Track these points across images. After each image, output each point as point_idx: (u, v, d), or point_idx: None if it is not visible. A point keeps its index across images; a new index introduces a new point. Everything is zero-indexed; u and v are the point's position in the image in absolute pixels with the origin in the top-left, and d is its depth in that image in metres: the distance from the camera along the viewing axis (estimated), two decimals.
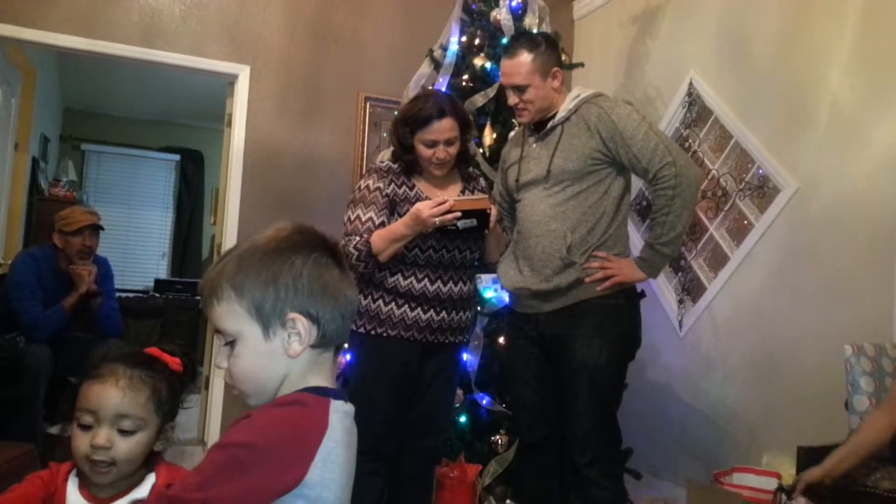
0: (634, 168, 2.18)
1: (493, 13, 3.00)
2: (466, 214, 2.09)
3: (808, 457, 2.12)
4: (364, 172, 2.35)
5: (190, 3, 3.78)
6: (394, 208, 2.26)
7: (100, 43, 3.62)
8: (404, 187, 2.28)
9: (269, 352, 1.01)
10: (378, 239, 2.16)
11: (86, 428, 1.31)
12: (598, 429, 2.14)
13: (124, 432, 1.29)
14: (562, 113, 2.25)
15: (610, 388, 2.19)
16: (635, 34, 3.91)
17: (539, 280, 2.20)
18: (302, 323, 1.00)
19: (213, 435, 3.80)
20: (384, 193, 2.25)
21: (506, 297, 2.65)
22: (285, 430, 0.94)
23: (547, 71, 2.26)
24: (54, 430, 2.96)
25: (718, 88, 3.33)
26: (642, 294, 2.33)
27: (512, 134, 2.80)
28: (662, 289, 3.54)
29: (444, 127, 2.21)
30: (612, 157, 2.18)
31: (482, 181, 2.49)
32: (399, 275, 2.24)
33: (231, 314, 1.01)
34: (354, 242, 2.17)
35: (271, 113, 3.92)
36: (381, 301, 2.24)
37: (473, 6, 3.08)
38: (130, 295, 6.80)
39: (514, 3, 3.03)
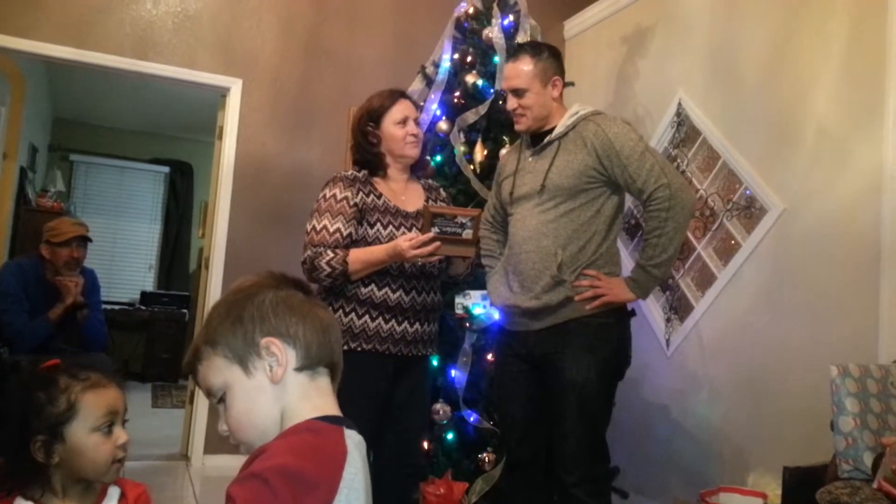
0: (629, 187, 2.19)
1: (486, 31, 3.03)
2: (448, 242, 2.06)
3: (794, 477, 2.13)
4: (328, 181, 2.30)
5: (183, 16, 3.79)
6: (362, 217, 2.22)
7: (91, 54, 3.62)
8: (371, 196, 2.25)
9: (255, 388, 0.99)
10: (356, 261, 2.13)
11: (107, 432, 1.34)
12: (587, 448, 2.14)
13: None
14: (559, 128, 2.25)
15: (599, 408, 2.18)
16: (625, 54, 3.95)
17: (529, 297, 2.20)
18: (276, 345, 0.99)
19: (197, 450, 3.76)
20: (351, 203, 2.20)
21: (495, 314, 2.65)
22: (309, 454, 0.91)
23: (547, 78, 2.27)
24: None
25: (706, 109, 3.36)
26: (633, 313, 2.33)
27: (507, 147, 2.80)
28: (650, 307, 3.55)
29: (407, 105, 2.32)
30: (608, 176, 2.19)
31: (443, 192, 2.49)
32: (373, 285, 2.19)
33: (213, 368, 1.01)
34: (328, 258, 2.12)
35: (263, 126, 3.92)
36: (353, 314, 2.18)
37: (466, 24, 3.11)
38: (116, 307, 6.75)
39: (506, 22, 3.06)
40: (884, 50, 2.57)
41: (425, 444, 2.66)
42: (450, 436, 2.82)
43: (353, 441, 0.98)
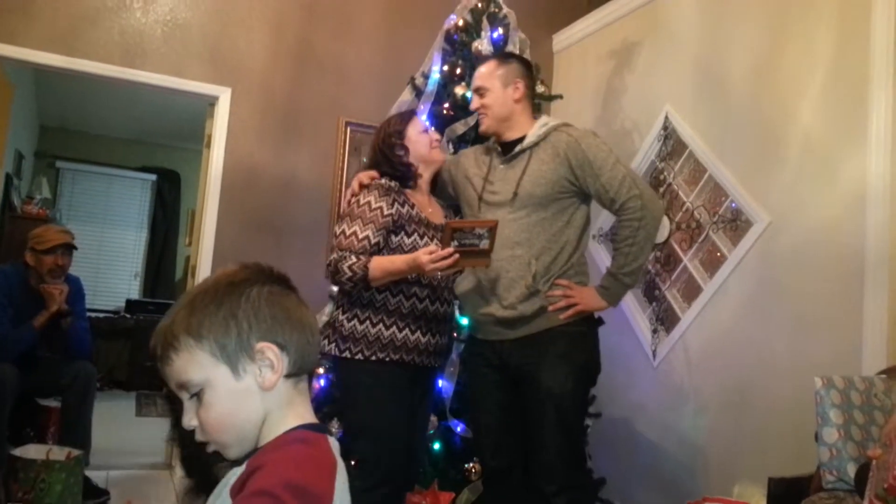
0: (601, 198, 2.22)
1: (475, 44, 3.04)
2: (466, 255, 2.07)
3: (779, 488, 2.14)
4: (357, 188, 2.31)
5: (172, 24, 3.79)
6: (399, 228, 2.25)
7: (80, 61, 3.60)
8: (406, 206, 2.28)
9: (243, 391, 0.96)
10: (377, 269, 2.14)
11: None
12: (565, 457, 2.15)
13: None
14: (531, 138, 2.28)
15: (575, 416, 2.22)
16: (613, 68, 3.99)
17: (503, 307, 2.21)
18: (272, 351, 0.97)
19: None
20: (385, 213, 2.22)
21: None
22: (308, 466, 0.90)
23: (509, 80, 2.32)
24: (18, 451, 2.89)
25: (693, 123, 3.40)
26: (601, 321, 2.36)
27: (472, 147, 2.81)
28: (636, 318, 3.57)
29: (421, 120, 2.47)
30: (579, 186, 2.22)
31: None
32: (401, 295, 2.23)
33: (194, 363, 0.96)
34: (350, 262, 2.14)
35: (251, 135, 3.92)
36: (381, 325, 2.21)
37: (455, 36, 3.12)
38: (101, 315, 6.70)
39: (495, 35, 3.07)
40: (867, 65, 2.61)
41: None
42: (436, 445, 2.82)
43: (336, 448, 0.98)
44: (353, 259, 2.15)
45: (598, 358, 2.29)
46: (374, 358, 2.19)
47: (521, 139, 2.30)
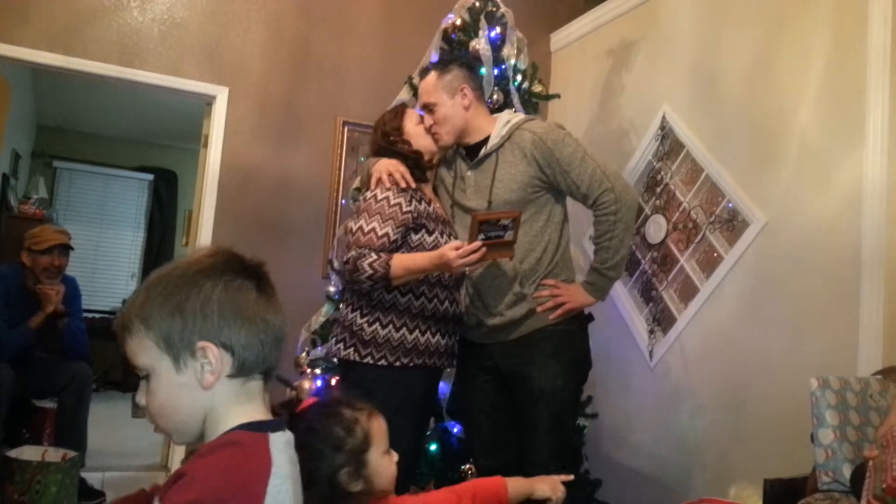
0: (573, 193, 2.21)
1: (473, 43, 3.04)
2: (491, 247, 2.03)
3: (775, 489, 2.14)
4: (373, 185, 2.20)
5: (170, 24, 3.78)
6: (419, 226, 2.17)
7: (77, 60, 3.60)
8: (423, 203, 2.21)
9: (183, 385, 0.96)
10: (399, 267, 2.05)
11: (388, 452, 1.44)
12: (559, 456, 2.15)
13: None
14: (494, 139, 2.24)
15: (567, 414, 2.22)
16: (610, 67, 3.99)
17: (492, 315, 2.21)
18: (212, 352, 0.95)
19: (177, 461, 3.72)
20: (404, 210, 2.13)
21: None
22: (229, 478, 0.87)
23: (454, 89, 2.25)
24: (13, 453, 2.88)
25: (690, 123, 3.39)
26: (591, 317, 2.36)
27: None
28: (633, 319, 3.57)
29: (413, 111, 2.39)
30: (550, 184, 2.21)
31: None
32: (423, 298, 2.16)
33: (142, 348, 0.97)
34: (371, 259, 2.05)
35: (249, 135, 3.91)
36: (404, 329, 2.14)
37: (453, 35, 3.11)
38: (97, 316, 6.68)
39: (492, 34, 3.07)
40: (865, 66, 2.60)
41: None
42: (433, 447, 2.81)
43: (280, 444, 0.96)
44: (374, 256, 2.05)
45: (589, 355, 2.30)
46: (397, 364, 2.12)
47: (485, 141, 2.27)
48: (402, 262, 2.07)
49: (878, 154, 2.54)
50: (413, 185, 2.20)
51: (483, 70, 3.06)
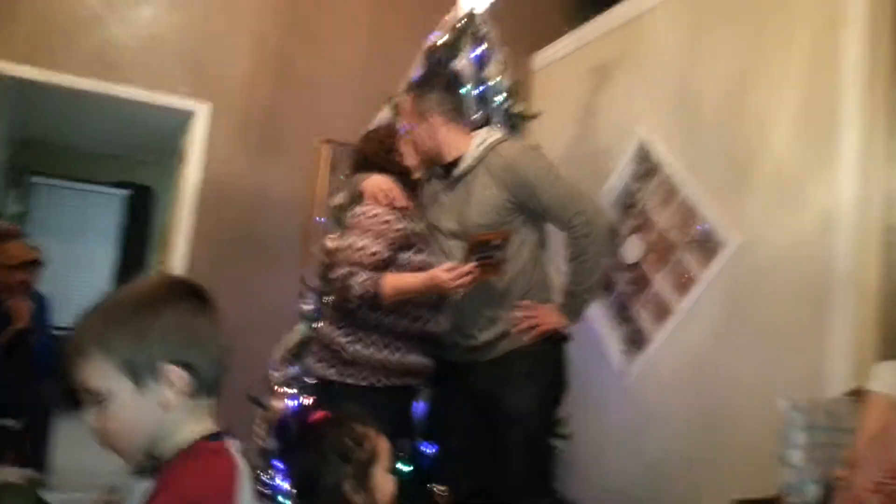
0: (546, 214, 2.21)
1: (456, 61, 3.05)
2: (482, 267, 2.03)
3: None
4: (367, 201, 2.19)
5: (148, 38, 3.76)
6: (409, 244, 2.16)
7: (55, 74, 3.57)
8: (412, 221, 2.21)
9: (142, 406, 1.00)
10: (391, 289, 2.03)
11: (390, 472, 1.52)
12: (533, 477, 2.14)
13: None
14: (468, 161, 2.24)
15: (542, 436, 2.21)
16: (591, 87, 4.02)
17: (465, 337, 2.21)
18: (176, 374, 1.00)
19: None
20: (395, 228, 2.12)
21: None
22: (210, 482, 0.96)
23: (422, 115, 2.27)
24: None
25: (668, 144, 3.43)
26: (567, 338, 2.34)
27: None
28: (607, 339, 3.58)
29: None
30: (523, 206, 2.20)
31: None
32: (407, 318, 2.14)
33: (98, 373, 0.99)
34: (362, 279, 2.02)
35: (228, 151, 3.90)
36: (387, 350, 2.11)
37: (437, 54, 3.13)
38: (69, 332, 6.58)
39: (476, 53, 3.09)
40: (837, 91, 2.64)
41: None
42: (406, 468, 2.79)
43: (236, 451, 1.04)
44: (365, 276, 2.03)
45: (566, 376, 2.29)
46: (379, 384, 2.09)
47: (459, 160, 2.27)
48: (394, 282, 2.04)
49: (849, 177, 2.58)
50: (406, 204, 2.20)
51: (464, 90, 3.07)
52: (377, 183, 2.20)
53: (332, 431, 1.46)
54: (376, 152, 2.31)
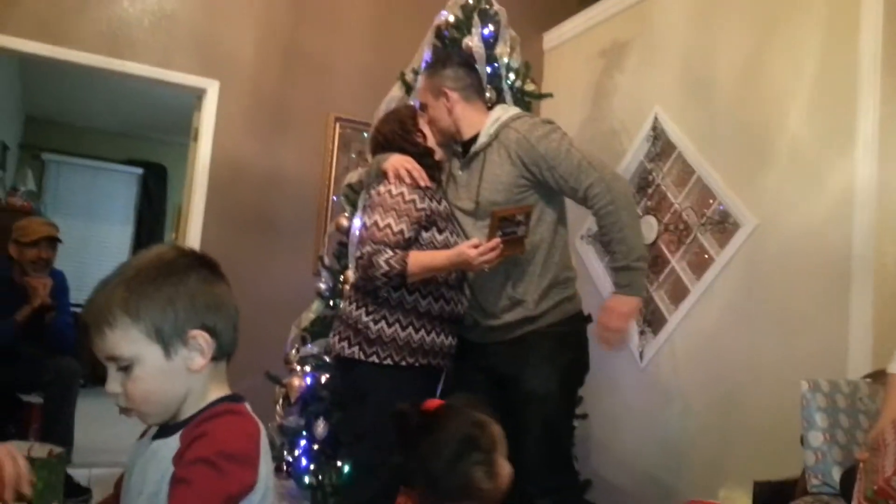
0: (562, 189, 2.17)
1: (466, 40, 3.03)
2: (506, 243, 2.02)
3: (764, 491, 2.15)
4: (387, 180, 2.17)
5: (160, 15, 3.74)
6: (430, 223, 2.15)
7: (65, 51, 3.55)
8: (434, 201, 2.19)
9: (171, 370, 1.04)
10: (416, 264, 2.03)
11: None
12: (550, 459, 2.14)
13: None
14: (483, 138, 2.23)
15: (561, 417, 2.19)
16: (602, 68, 3.98)
17: (488, 316, 2.21)
18: (204, 338, 1.05)
19: None
20: (419, 207, 2.12)
21: None
22: (238, 433, 1.01)
23: (438, 92, 2.26)
24: None
25: (682, 124, 3.40)
26: (589, 318, 2.32)
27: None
28: None
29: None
30: (538, 181, 2.17)
31: None
32: (430, 297, 2.14)
33: (126, 339, 1.02)
34: (387, 256, 2.02)
35: (239, 129, 3.89)
36: (410, 328, 2.11)
37: (446, 32, 3.10)
38: (86, 304, 6.63)
39: (485, 32, 3.06)
40: (855, 69, 2.61)
41: None
42: None
43: (251, 410, 1.10)
44: (390, 253, 2.03)
45: (586, 357, 2.27)
46: (403, 363, 2.09)
47: (476, 137, 2.26)
48: (420, 259, 2.04)
49: (868, 157, 2.56)
50: (428, 183, 2.19)
51: (478, 67, 3.05)
52: (400, 162, 2.18)
53: (454, 419, 1.45)
54: (396, 133, 2.29)
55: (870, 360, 2.44)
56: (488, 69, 2.97)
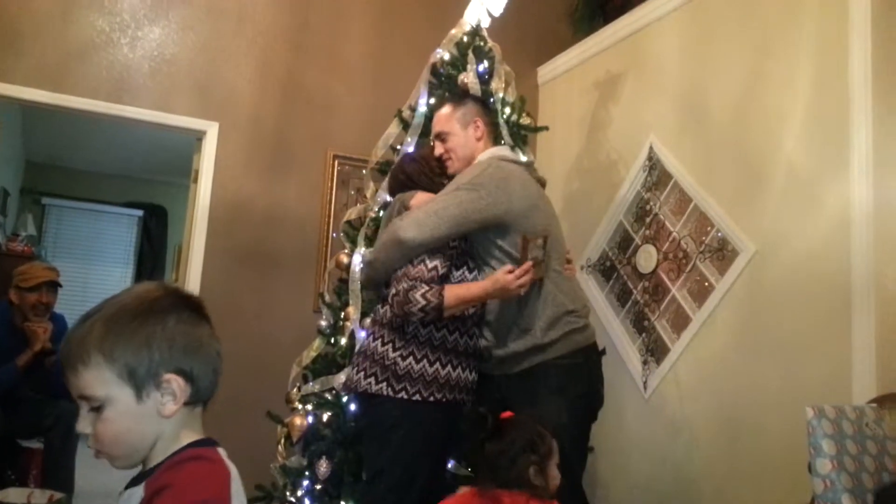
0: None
1: (461, 77, 3.07)
2: (534, 268, 2.07)
3: None
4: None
5: (160, 60, 3.80)
6: (463, 263, 2.19)
7: (67, 97, 3.60)
8: (462, 239, 2.22)
9: (142, 413, 1.01)
10: (453, 297, 2.06)
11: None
12: (562, 493, 2.11)
13: None
14: None
15: (573, 450, 2.16)
16: (597, 99, 4.03)
17: (498, 345, 2.21)
18: (177, 383, 1.01)
19: None
20: (451, 245, 2.16)
21: None
22: (207, 481, 0.97)
23: (468, 121, 2.37)
24: (1, 495, 2.82)
25: (677, 153, 3.42)
26: (603, 351, 2.33)
27: None
28: (627, 350, 3.56)
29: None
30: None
31: None
32: (457, 333, 2.17)
33: (99, 379, 0.99)
34: (423, 291, 2.05)
35: (239, 169, 3.92)
36: (437, 364, 2.13)
37: (441, 70, 3.15)
38: (66, 340, 6.60)
39: (480, 68, 3.10)
40: (847, 94, 2.65)
41: None
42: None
43: (225, 454, 1.06)
44: (426, 287, 2.06)
45: (599, 389, 2.25)
46: (431, 399, 2.10)
47: None
48: (455, 291, 2.08)
49: (863, 179, 2.57)
50: None
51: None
52: (429, 199, 2.24)
53: (521, 428, 1.79)
54: (424, 172, 2.38)
55: (874, 384, 2.43)
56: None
